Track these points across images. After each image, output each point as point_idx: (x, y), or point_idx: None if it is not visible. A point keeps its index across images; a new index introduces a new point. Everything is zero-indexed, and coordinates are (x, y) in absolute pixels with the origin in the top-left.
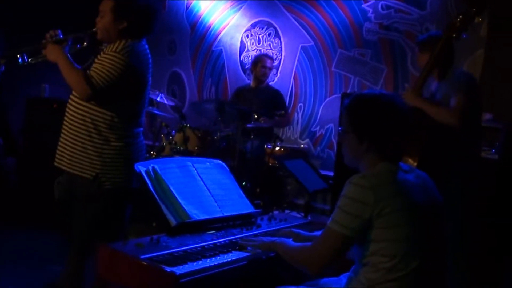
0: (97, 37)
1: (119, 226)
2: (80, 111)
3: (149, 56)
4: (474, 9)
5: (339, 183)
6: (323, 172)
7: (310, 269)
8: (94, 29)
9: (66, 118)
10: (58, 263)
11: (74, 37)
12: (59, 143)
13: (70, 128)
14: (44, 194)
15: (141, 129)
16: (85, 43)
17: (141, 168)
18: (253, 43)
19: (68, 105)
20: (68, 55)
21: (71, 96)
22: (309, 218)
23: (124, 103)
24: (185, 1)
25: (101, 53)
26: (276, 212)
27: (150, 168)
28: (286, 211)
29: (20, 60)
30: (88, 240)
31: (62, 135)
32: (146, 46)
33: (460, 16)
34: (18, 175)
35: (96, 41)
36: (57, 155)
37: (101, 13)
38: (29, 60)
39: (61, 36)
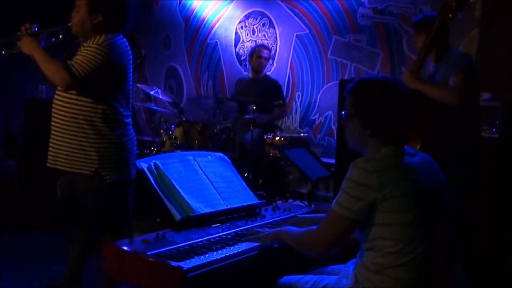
0: (72, 32)
1: (123, 219)
2: (69, 109)
3: (128, 48)
4: None
5: (341, 170)
6: (324, 160)
7: (315, 250)
8: (69, 24)
9: (54, 118)
10: (61, 263)
11: (49, 31)
12: (51, 144)
13: (61, 127)
14: (45, 194)
15: (130, 120)
16: (60, 37)
17: (143, 164)
18: (248, 34)
19: (54, 105)
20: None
21: (56, 96)
22: (313, 206)
23: (110, 94)
24: None
25: (80, 47)
26: (279, 202)
27: (152, 164)
28: (290, 201)
29: None
30: (90, 238)
31: (52, 135)
32: (125, 39)
33: None
34: (19, 176)
35: (71, 35)
36: (50, 156)
37: (77, 8)
38: (3, 52)
39: (36, 29)
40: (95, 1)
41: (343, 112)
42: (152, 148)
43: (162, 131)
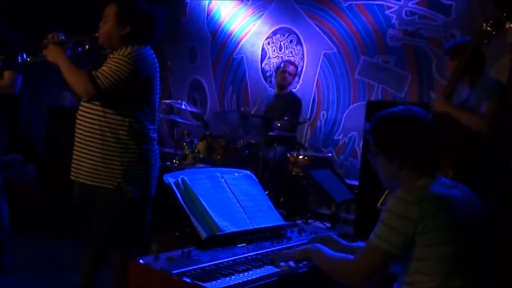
0: (99, 42)
1: (138, 234)
2: (95, 120)
3: (156, 61)
4: (505, 14)
5: (364, 193)
6: (347, 181)
7: (349, 282)
8: (96, 34)
9: (78, 129)
10: (79, 274)
11: (76, 40)
12: (74, 155)
13: (85, 139)
14: (65, 201)
15: (156, 135)
16: (86, 47)
17: (170, 179)
18: (274, 50)
19: (79, 116)
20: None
21: (81, 107)
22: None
23: (137, 107)
24: (206, 9)
25: (107, 58)
26: (300, 222)
27: (180, 179)
28: (310, 221)
29: (19, 58)
30: (105, 249)
31: (75, 147)
32: (152, 51)
33: (491, 21)
34: (39, 182)
35: (98, 46)
36: (72, 168)
37: (105, 18)
38: (29, 59)
39: (63, 37)
40: (123, 12)
41: (368, 153)
42: (174, 161)
43: (185, 144)
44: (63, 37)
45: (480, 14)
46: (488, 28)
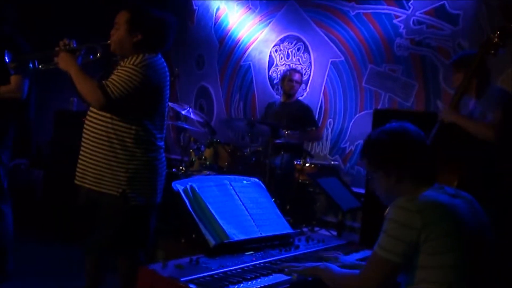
0: (110, 49)
1: (142, 241)
2: (102, 127)
3: (166, 69)
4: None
5: (370, 201)
6: (353, 189)
7: None
8: (108, 41)
9: (85, 135)
10: (82, 280)
11: (88, 48)
12: (80, 161)
13: (91, 145)
14: (69, 207)
15: (163, 143)
16: (98, 54)
17: (179, 186)
18: (282, 58)
19: (87, 121)
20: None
21: (89, 113)
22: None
23: (145, 116)
24: (214, 16)
25: (118, 66)
26: (306, 230)
27: (188, 186)
28: (316, 229)
29: (31, 65)
30: (106, 255)
31: (81, 153)
32: (163, 59)
33: (498, 32)
34: (44, 187)
35: (109, 53)
36: (77, 173)
37: (117, 25)
38: (40, 66)
39: (74, 45)
40: (135, 20)
41: (368, 178)
42: (181, 167)
43: (191, 150)
44: (74, 45)
45: (487, 24)
46: (496, 39)
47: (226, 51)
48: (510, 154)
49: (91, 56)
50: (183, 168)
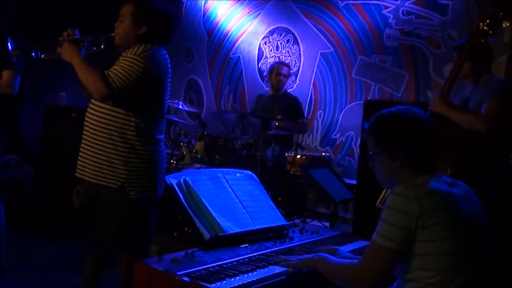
0: (114, 42)
1: (144, 236)
2: (103, 119)
3: (168, 61)
4: (501, 13)
5: (362, 192)
6: (345, 180)
7: (358, 286)
8: (112, 34)
9: (86, 127)
10: (77, 274)
11: (91, 39)
12: (80, 153)
13: (91, 137)
14: (62, 203)
15: (163, 136)
16: (102, 46)
17: (172, 180)
18: (271, 50)
19: (88, 114)
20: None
21: (90, 105)
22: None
23: (144, 107)
24: (202, 8)
25: (120, 56)
26: (297, 221)
27: (182, 180)
28: (308, 220)
29: (33, 54)
30: (109, 250)
31: (83, 144)
32: (165, 52)
33: (487, 21)
34: (35, 183)
35: (113, 46)
36: (78, 165)
37: (121, 18)
38: (43, 56)
39: (78, 36)
40: (140, 12)
41: (369, 153)
42: (172, 161)
43: (182, 144)
44: (78, 35)
45: (476, 14)
46: (485, 27)
47: (215, 44)
48: (502, 144)
49: (94, 48)
50: (174, 162)
